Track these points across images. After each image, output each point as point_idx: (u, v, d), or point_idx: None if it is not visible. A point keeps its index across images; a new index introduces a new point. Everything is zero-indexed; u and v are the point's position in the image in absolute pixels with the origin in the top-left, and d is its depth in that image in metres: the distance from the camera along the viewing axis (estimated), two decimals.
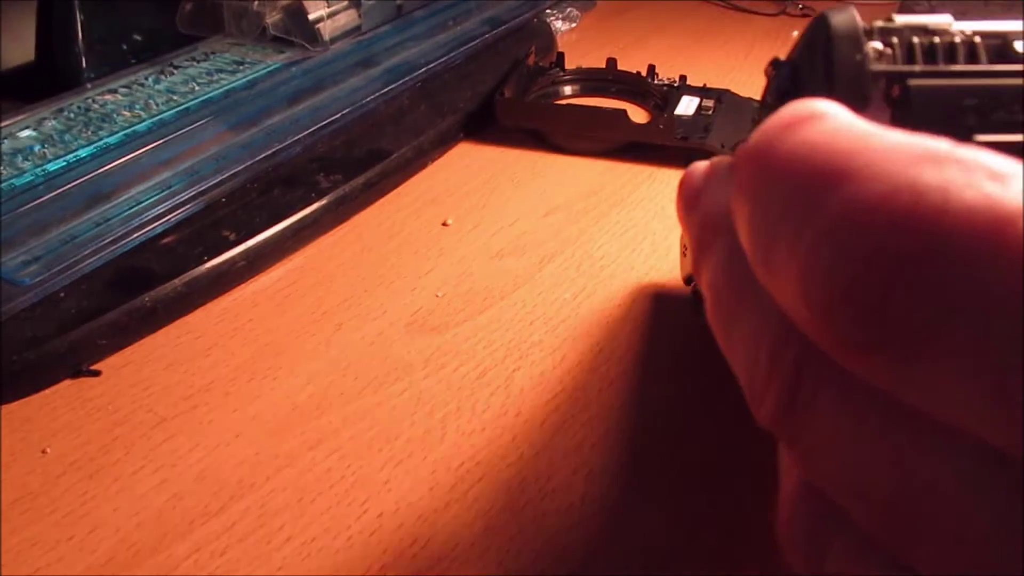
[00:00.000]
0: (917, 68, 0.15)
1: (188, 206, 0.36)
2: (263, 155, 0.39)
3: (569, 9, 0.61)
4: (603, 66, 0.50)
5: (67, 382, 0.30)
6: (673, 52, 0.56)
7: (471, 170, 0.43)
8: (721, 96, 0.46)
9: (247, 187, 0.38)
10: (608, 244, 0.37)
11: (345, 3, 0.50)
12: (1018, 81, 0.15)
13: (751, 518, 0.24)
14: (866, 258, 0.10)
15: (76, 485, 0.26)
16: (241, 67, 0.47)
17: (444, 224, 0.38)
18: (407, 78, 0.47)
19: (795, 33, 0.59)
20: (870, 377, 0.11)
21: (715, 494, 0.25)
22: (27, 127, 0.41)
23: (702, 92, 0.47)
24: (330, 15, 0.50)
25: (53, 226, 0.34)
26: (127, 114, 0.42)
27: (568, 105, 0.48)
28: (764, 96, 0.19)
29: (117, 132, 0.41)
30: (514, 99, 0.45)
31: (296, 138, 0.41)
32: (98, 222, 0.35)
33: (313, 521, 0.25)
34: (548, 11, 0.59)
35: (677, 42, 0.58)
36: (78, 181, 0.37)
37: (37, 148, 0.39)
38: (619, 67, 0.50)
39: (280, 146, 0.40)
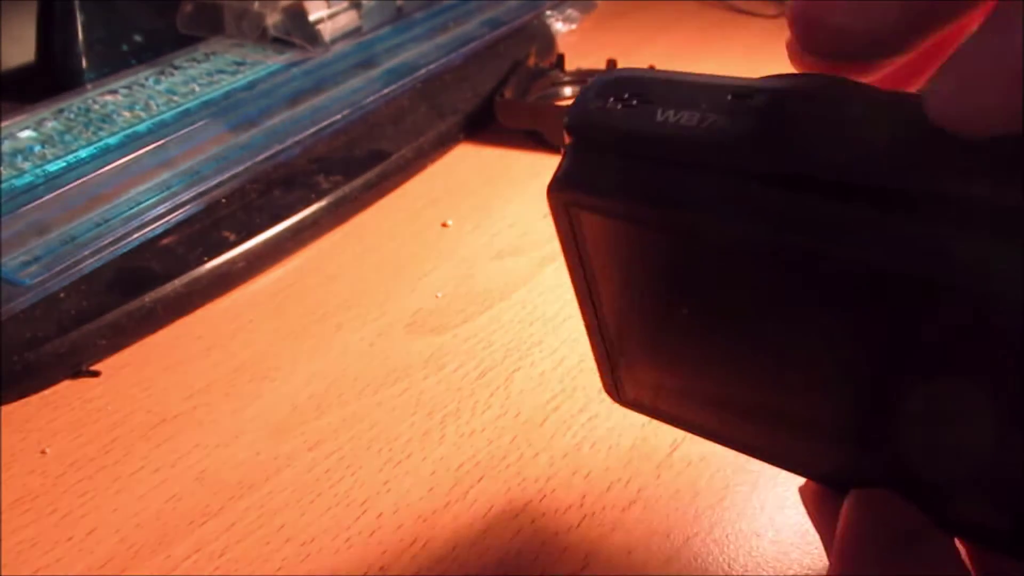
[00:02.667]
0: None
1: (188, 207, 0.36)
2: (263, 156, 0.39)
3: (569, 11, 0.61)
4: (603, 67, 0.50)
5: (67, 382, 0.30)
6: (673, 53, 0.56)
7: (471, 171, 0.43)
8: None
9: (247, 188, 0.38)
10: None
11: (345, 4, 0.51)
12: None
13: (751, 517, 0.24)
14: None
15: (76, 485, 0.26)
16: (241, 68, 0.47)
17: (444, 225, 0.38)
18: (407, 79, 0.47)
19: None
20: None
21: (716, 494, 0.25)
22: (27, 127, 0.41)
23: None
24: (330, 16, 0.50)
25: (53, 226, 0.34)
26: (127, 115, 0.42)
27: (568, 106, 0.48)
28: None
29: (117, 133, 0.41)
30: (514, 100, 0.45)
31: (296, 139, 0.41)
32: (98, 222, 0.35)
33: (313, 521, 0.25)
34: (548, 12, 0.59)
35: (677, 43, 0.58)
36: (78, 182, 0.37)
37: (37, 148, 0.39)
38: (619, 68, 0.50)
39: (280, 147, 0.40)
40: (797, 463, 0.17)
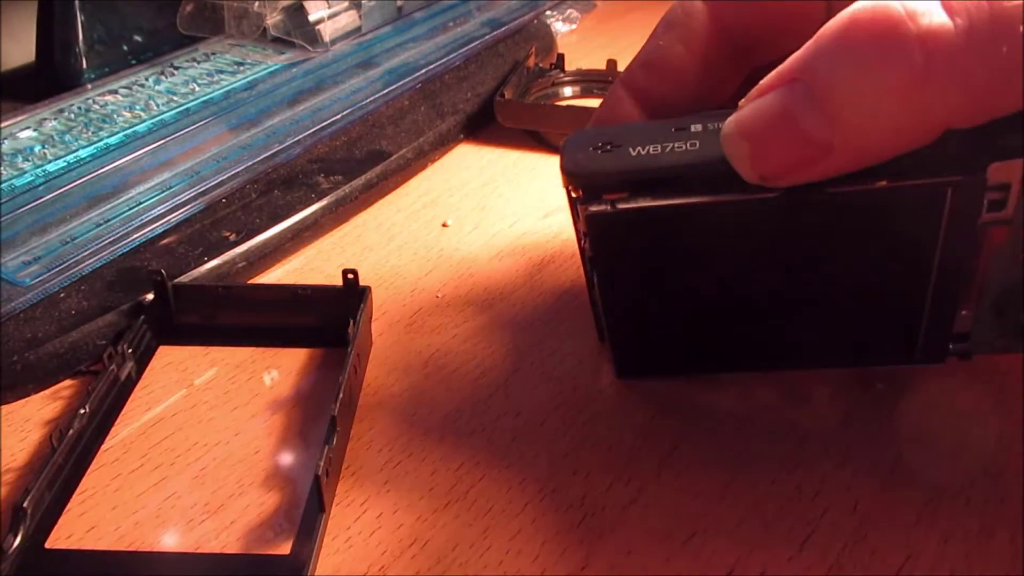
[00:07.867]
0: None
1: (188, 207, 0.36)
2: (263, 156, 0.39)
3: (569, 11, 0.61)
4: (603, 67, 0.50)
5: (67, 382, 0.30)
6: None
7: (471, 171, 0.43)
8: None
9: (247, 188, 0.38)
10: None
11: (345, 4, 0.51)
12: None
13: (751, 517, 0.24)
14: None
15: None
16: (241, 68, 0.47)
17: (444, 225, 0.38)
18: (407, 79, 0.47)
19: None
20: None
21: (716, 493, 0.25)
22: (27, 127, 0.41)
23: None
24: (330, 16, 0.50)
25: (53, 226, 0.34)
26: (127, 115, 0.42)
27: (568, 106, 0.48)
28: None
29: (117, 133, 0.41)
30: (514, 100, 0.45)
31: (296, 139, 0.41)
32: (98, 223, 0.35)
33: None
34: (548, 12, 0.59)
35: None
36: (78, 181, 0.37)
37: (37, 148, 0.40)
38: (619, 68, 0.50)
39: (280, 147, 0.40)
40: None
